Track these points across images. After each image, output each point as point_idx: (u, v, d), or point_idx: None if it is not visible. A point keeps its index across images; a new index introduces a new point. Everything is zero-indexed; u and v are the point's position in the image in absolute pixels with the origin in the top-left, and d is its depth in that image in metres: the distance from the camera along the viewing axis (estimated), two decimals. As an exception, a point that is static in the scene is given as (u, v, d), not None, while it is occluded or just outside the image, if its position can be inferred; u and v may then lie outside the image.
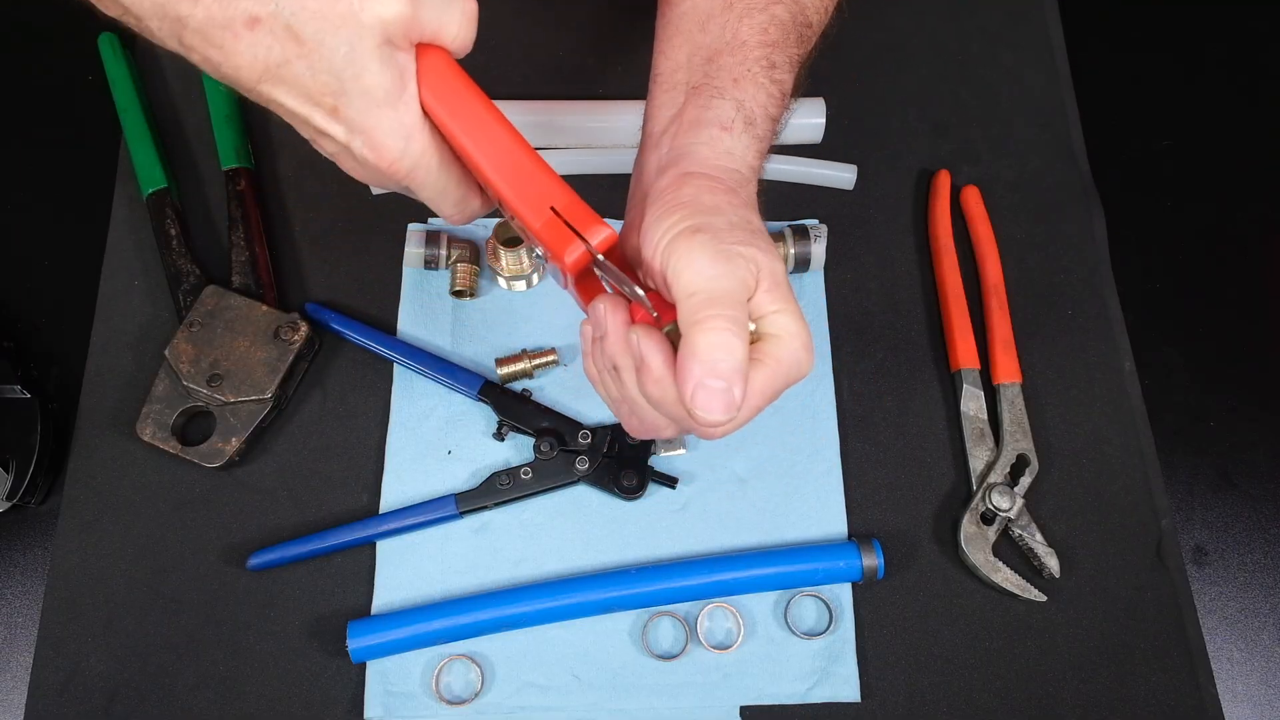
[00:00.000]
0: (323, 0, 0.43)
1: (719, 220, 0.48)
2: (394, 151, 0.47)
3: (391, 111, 0.46)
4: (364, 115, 0.46)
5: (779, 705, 0.62)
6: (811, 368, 0.49)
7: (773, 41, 0.55)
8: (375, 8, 0.44)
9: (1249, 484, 0.70)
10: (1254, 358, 0.73)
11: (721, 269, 0.46)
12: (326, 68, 0.45)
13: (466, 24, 0.47)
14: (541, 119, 0.75)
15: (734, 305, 0.46)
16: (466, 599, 0.62)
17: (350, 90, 0.45)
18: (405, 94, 0.46)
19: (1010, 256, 0.73)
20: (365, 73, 0.45)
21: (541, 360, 0.68)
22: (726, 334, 0.45)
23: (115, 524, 0.65)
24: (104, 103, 0.76)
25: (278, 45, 0.44)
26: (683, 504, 0.66)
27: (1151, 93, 0.82)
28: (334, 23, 0.43)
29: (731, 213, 0.49)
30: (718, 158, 0.52)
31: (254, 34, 0.43)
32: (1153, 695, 0.62)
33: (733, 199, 0.51)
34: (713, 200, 0.50)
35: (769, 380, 0.47)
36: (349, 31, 0.44)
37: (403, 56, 0.46)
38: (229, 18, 0.43)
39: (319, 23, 0.43)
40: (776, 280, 0.48)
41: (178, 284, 0.69)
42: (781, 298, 0.48)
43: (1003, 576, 0.64)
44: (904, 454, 0.68)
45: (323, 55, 0.44)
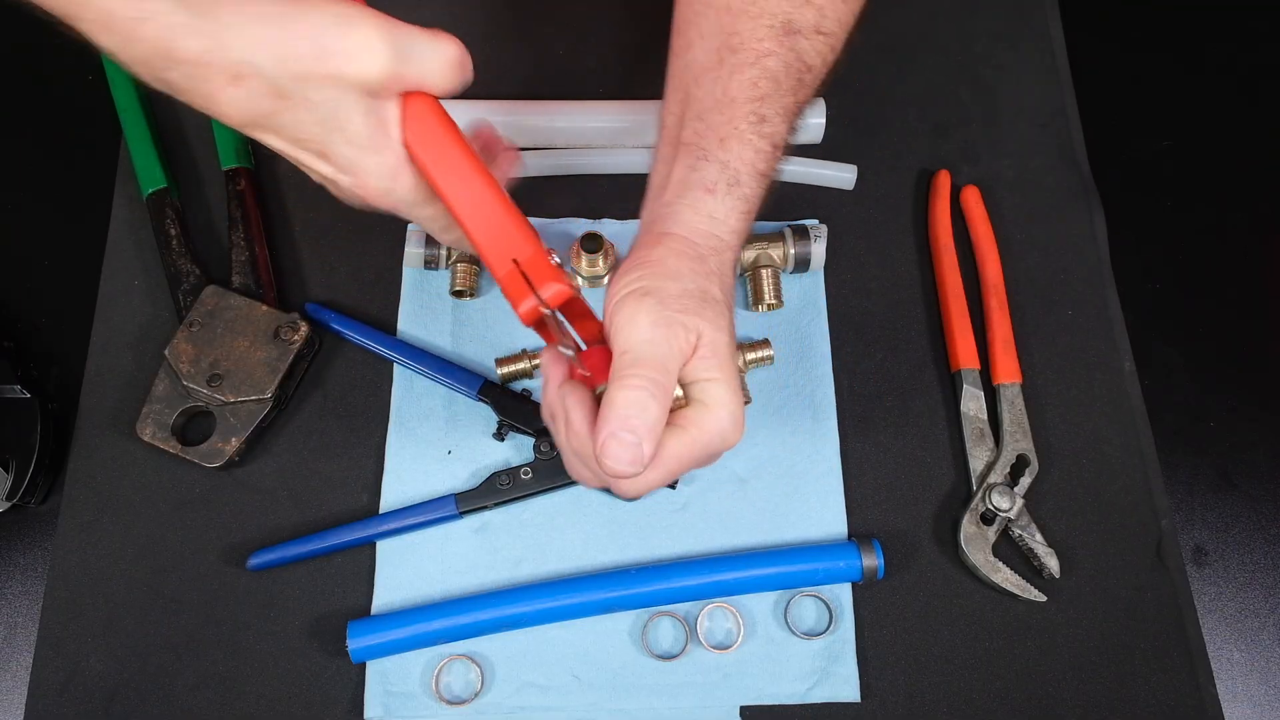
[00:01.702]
0: (305, 61, 0.44)
1: (673, 286, 0.50)
2: (378, 190, 0.49)
3: (376, 156, 0.48)
4: (350, 160, 0.48)
5: (779, 705, 0.62)
6: (738, 439, 0.51)
7: (762, 95, 0.55)
8: (357, 67, 0.45)
9: (1249, 484, 0.70)
10: (1254, 358, 0.73)
11: (659, 334, 0.49)
12: (311, 120, 0.46)
13: (449, 71, 0.48)
14: (541, 119, 0.75)
15: (658, 369, 0.48)
16: (466, 599, 0.62)
17: (335, 139, 0.47)
18: (389, 139, 0.48)
19: (1010, 256, 0.73)
20: (349, 124, 0.47)
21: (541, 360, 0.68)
22: (643, 393, 0.47)
23: (115, 524, 0.65)
24: (104, 103, 0.76)
25: (264, 100, 0.45)
26: (682, 504, 0.66)
27: (1151, 93, 0.82)
28: (317, 81, 0.45)
29: (690, 280, 0.51)
30: (699, 221, 0.53)
31: (237, 89, 0.45)
32: (1153, 695, 0.62)
33: (697, 266, 0.52)
34: (676, 265, 0.51)
35: (686, 446, 0.50)
36: (333, 89, 0.45)
37: (387, 105, 0.47)
38: (210, 75, 0.45)
39: (302, 81, 0.45)
40: (715, 350, 0.50)
41: (178, 284, 0.69)
42: (717, 367, 0.50)
43: (1003, 576, 0.64)
44: (904, 454, 0.68)
45: (308, 109, 0.46)
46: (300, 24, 0.45)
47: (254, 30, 0.44)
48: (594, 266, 0.70)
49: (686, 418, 0.50)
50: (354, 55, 0.45)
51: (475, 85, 0.78)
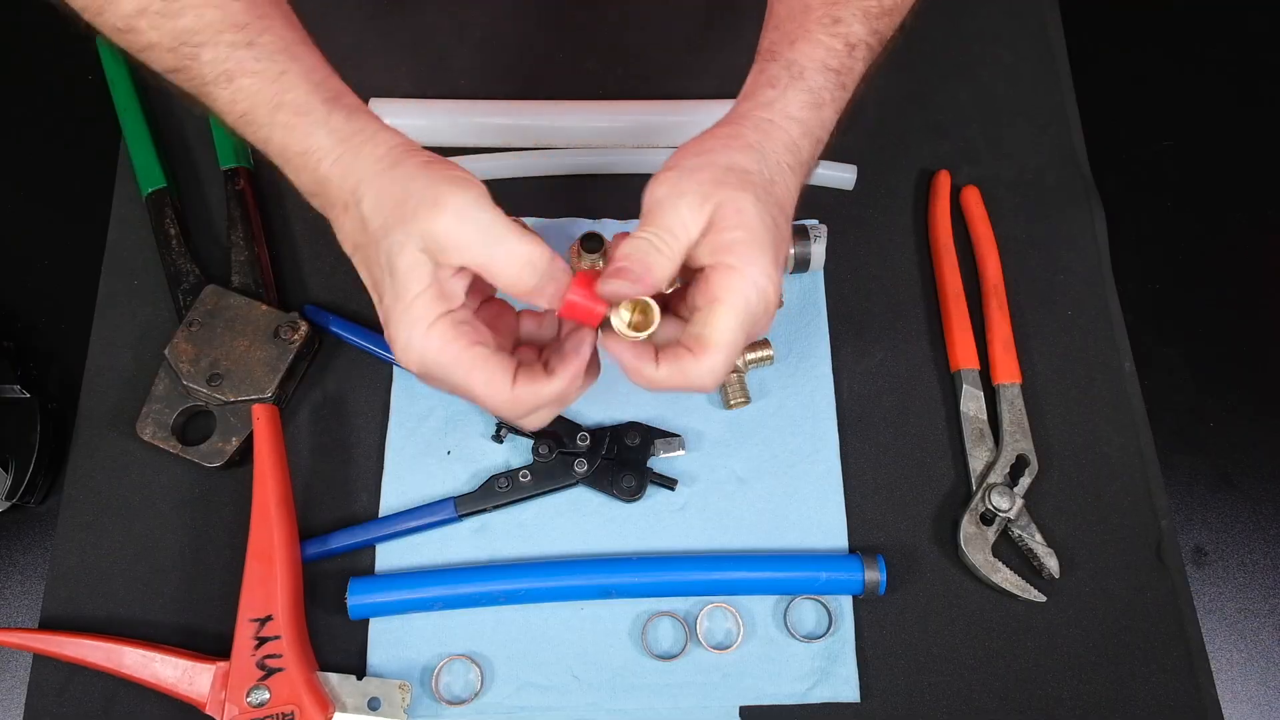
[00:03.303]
0: (389, 213, 0.50)
1: (697, 160, 0.52)
2: (397, 342, 0.51)
3: (404, 308, 0.50)
4: (386, 307, 0.51)
5: (779, 705, 0.62)
6: (776, 297, 0.52)
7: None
8: (423, 219, 0.49)
9: (1249, 484, 0.70)
10: (1254, 358, 0.73)
11: (669, 199, 0.51)
12: (376, 263, 0.51)
13: (517, 275, 0.50)
14: (541, 119, 0.75)
15: (663, 226, 0.51)
16: (467, 568, 0.64)
17: (384, 282, 0.51)
18: (422, 297, 0.50)
19: (1010, 256, 0.73)
20: (397, 267, 0.50)
21: (541, 360, 0.68)
22: (644, 241, 0.51)
23: (115, 524, 0.65)
24: (104, 103, 0.76)
25: (358, 233, 0.52)
26: (682, 504, 0.66)
27: (1151, 93, 0.82)
28: (395, 229, 0.49)
29: (720, 154, 0.52)
30: (752, 108, 0.55)
31: (345, 216, 0.52)
32: (1152, 695, 0.62)
33: (731, 142, 0.53)
34: (708, 143, 0.53)
35: (731, 312, 0.51)
36: (399, 233, 0.49)
37: (442, 272, 0.50)
38: (333, 200, 0.52)
39: (383, 231, 0.50)
40: (742, 218, 0.51)
41: (177, 284, 0.69)
42: (744, 233, 0.51)
43: (1002, 577, 0.64)
44: (904, 454, 0.68)
45: (377, 252, 0.51)
46: (410, 183, 0.50)
47: (371, 169, 0.51)
48: (594, 266, 0.70)
49: (721, 286, 0.51)
50: (435, 225, 0.49)
51: (476, 86, 0.78)
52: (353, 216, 0.51)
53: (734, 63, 0.79)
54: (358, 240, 0.52)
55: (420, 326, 0.50)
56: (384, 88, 0.77)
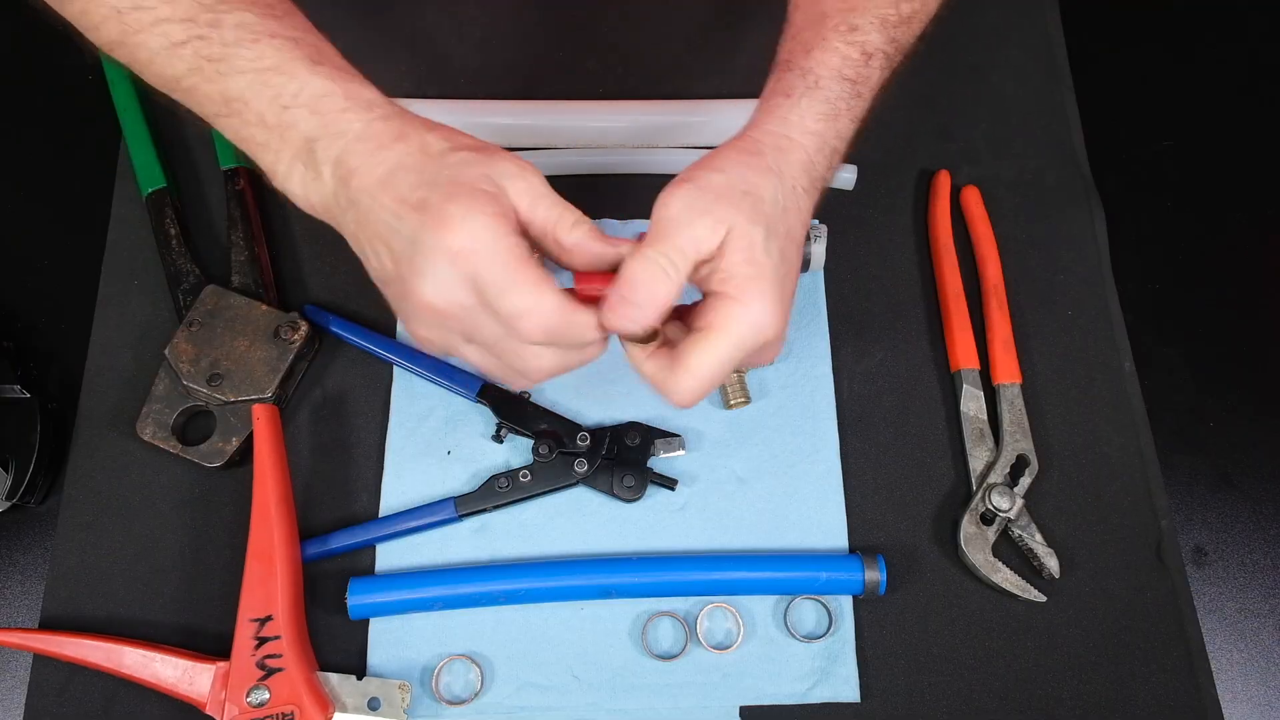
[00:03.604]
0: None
1: (714, 178, 0.51)
2: (452, 231, 0.49)
3: (470, 199, 0.49)
4: (445, 200, 0.49)
5: (779, 705, 0.62)
6: (775, 333, 0.51)
7: (854, 6, 0.56)
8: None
9: (1249, 484, 0.70)
10: (1254, 358, 0.73)
11: (681, 216, 0.50)
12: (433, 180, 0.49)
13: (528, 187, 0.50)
14: (542, 119, 0.75)
15: (672, 247, 0.50)
16: (467, 568, 0.64)
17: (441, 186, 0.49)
18: (491, 196, 0.49)
19: (1010, 256, 0.73)
20: (463, 177, 0.49)
21: (541, 360, 0.68)
22: (651, 264, 0.49)
23: (115, 524, 0.65)
24: (104, 103, 0.76)
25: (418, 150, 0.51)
26: (682, 504, 0.66)
27: (1151, 93, 0.82)
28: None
29: (735, 173, 0.52)
30: (769, 123, 0.55)
31: (403, 144, 0.51)
32: (1152, 695, 0.62)
33: (749, 160, 0.53)
34: (724, 160, 0.53)
35: (720, 344, 0.51)
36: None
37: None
38: (377, 135, 0.51)
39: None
40: (750, 246, 0.50)
41: (177, 283, 0.69)
42: (748, 262, 0.50)
43: (1002, 577, 0.64)
44: (904, 454, 0.68)
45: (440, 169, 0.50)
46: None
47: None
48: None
49: (718, 315, 0.51)
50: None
51: (476, 86, 0.78)
52: (420, 150, 0.50)
53: (734, 63, 0.80)
54: (410, 164, 0.49)
55: (488, 208, 0.47)
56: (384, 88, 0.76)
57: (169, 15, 0.51)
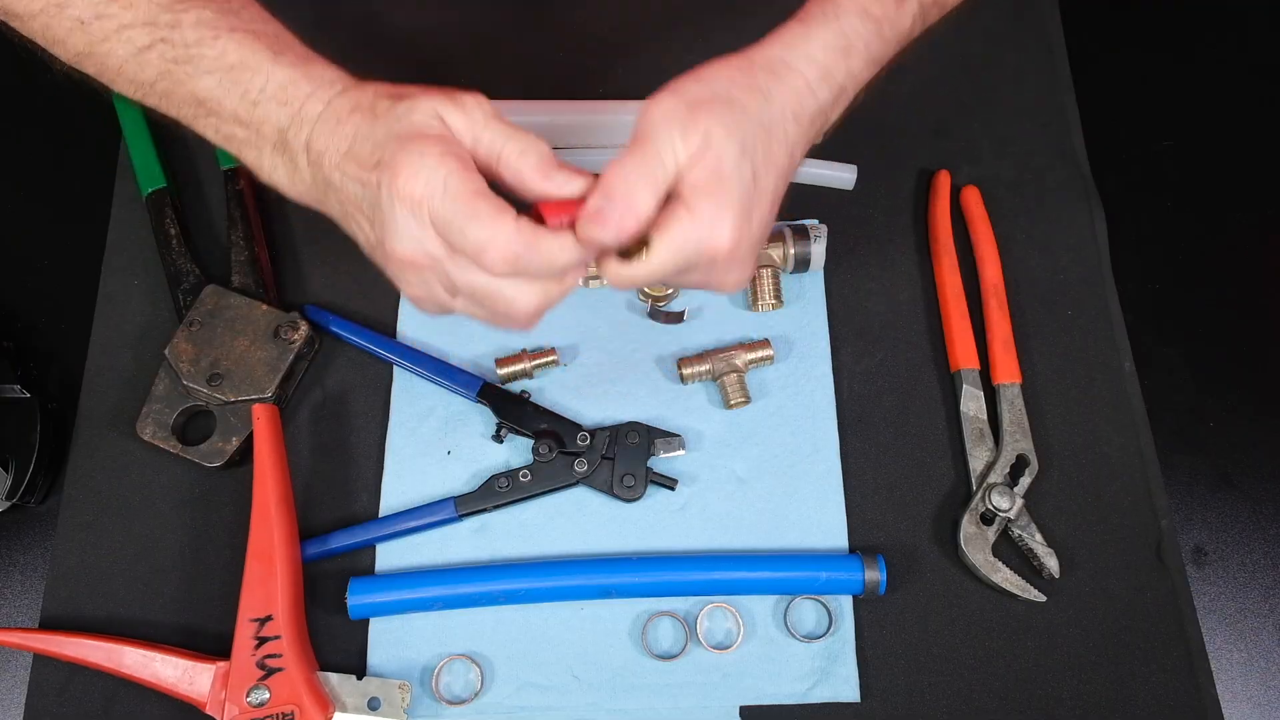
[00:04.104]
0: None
1: (698, 88, 0.51)
2: (404, 177, 0.49)
3: (421, 145, 0.49)
4: (397, 151, 0.49)
5: (779, 705, 0.62)
6: (725, 254, 0.50)
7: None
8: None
9: (1249, 484, 0.70)
10: (1254, 358, 0.73)
11: (660, 123, 0.50)
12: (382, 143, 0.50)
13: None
14: (541, 119, 0.75)
15: (650, 153, 0.49)
16: (467, 568, 0.64)
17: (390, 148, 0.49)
18: (439, 138, 0.49)
19: (1010, 256, 0.73)
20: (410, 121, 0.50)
21: (541, 360, 0.68)
22: (628, 168, 0.49)
23: (115, 524, 0.65)
24: (104, 103, 0.76)
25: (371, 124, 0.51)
26: (682, 504, 0.66)
27: (1151, 93, 0.82)
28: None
29: (721, 85, 0.51)
30: (772, 45, 0.53)
31: (364, 116, 0.51)
32: (1152, 695, 0.62)
33: (737, 76, 0.52)
34: (715, 72, 0.52)
35: (665, 248, 0.49)
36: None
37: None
38: (344, 112, 0.51)
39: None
40: (719, 160, 0.49)
41: (177, 283, 0.69)
42: (713, 176, 0.49)
43: (1002, 577, 0.64)
44: (904, 454, 0.68)
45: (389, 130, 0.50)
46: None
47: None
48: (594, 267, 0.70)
49: (668, 219, 0.49)
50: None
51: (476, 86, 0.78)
52: (370, 114, 0.50)
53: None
54: (364, 132, 0.50)
55: (434, 149, 0.48)
56: (384, 88, 0.77)
57: (130, 21, 0.51)
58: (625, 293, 0.72)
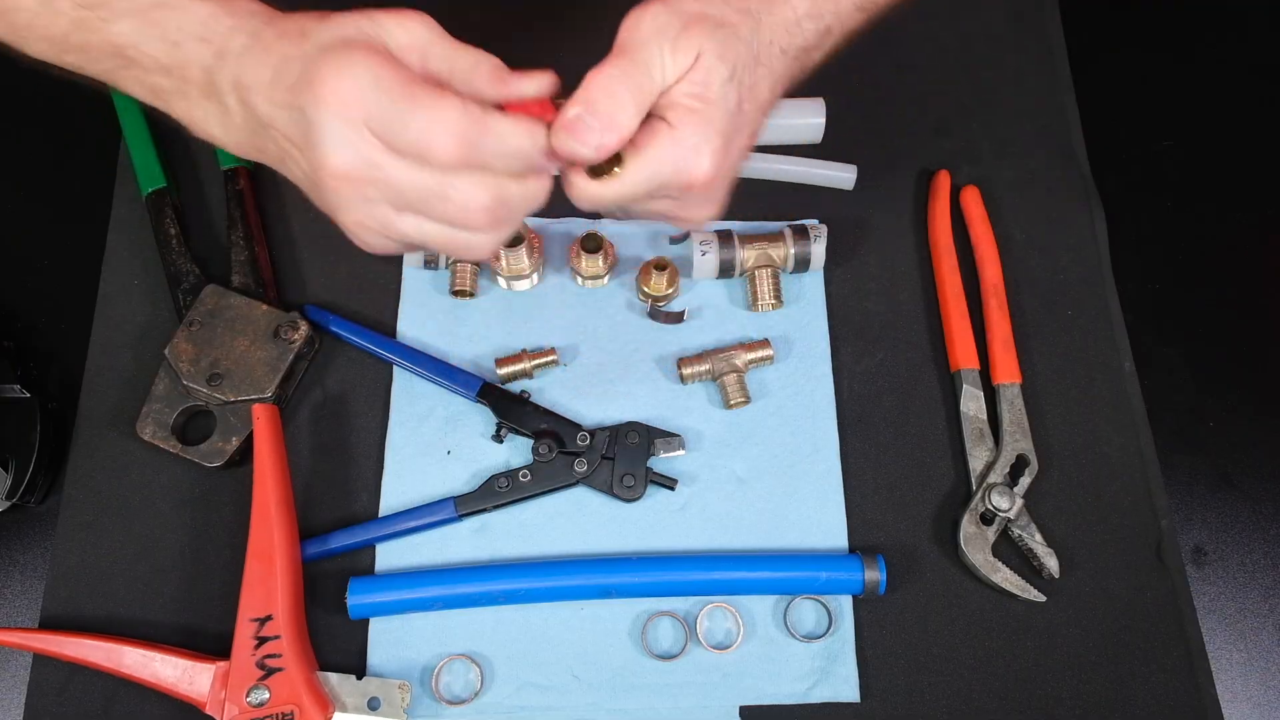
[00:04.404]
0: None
1: (690, 5, 0.48)
2: (328, 89, 0.45)
3: (344, 49, 0.45)
4: (319, 58, 0.45)
5: (779, 705, 0.62)
6: (703, 177, 0.48)
7: None
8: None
9: (1249, 484, 0.70)
10: (1254, 358, 0.73)
11: (651, 37, 0.47)
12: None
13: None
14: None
15: (638, 66, 0.47)
16: (467, 568, 0.64)
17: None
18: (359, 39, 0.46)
19: (1010, 256, 0.73)
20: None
21: (541, 360, 0.68)
22: (613, 80, 0.46)
23: (115, 524, 0.65)
24: (104, 102, 0.76)
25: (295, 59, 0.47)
26: (682, 504, 0.66)
27: (1151, 93, 0.82)
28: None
29: (712, 4, 0.49)
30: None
31: (290, 58, 0.47)
32: (1152, 695, 0.62)
33: (730, 1, 0.49)
34: (755, 2, 0.50)
35: (640, 164, 0.48)
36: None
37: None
38: (267, 52, 0.47)
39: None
40: (707, 78, 0.47)
41: (177, 283, 0.69)
42: (698, 95, 0.47)
43: (1002, 577, 0.64)
44: (903, 454, 0.68)
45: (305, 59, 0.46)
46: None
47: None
48: (594, 266, 0.70)
49: (643, 136, 0.47)
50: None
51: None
52: (300, 35, 0.46)
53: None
54: (291, 56, 0.46)
55: (358, 49, 0.44)
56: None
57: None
58: (625, 292, 0.72)
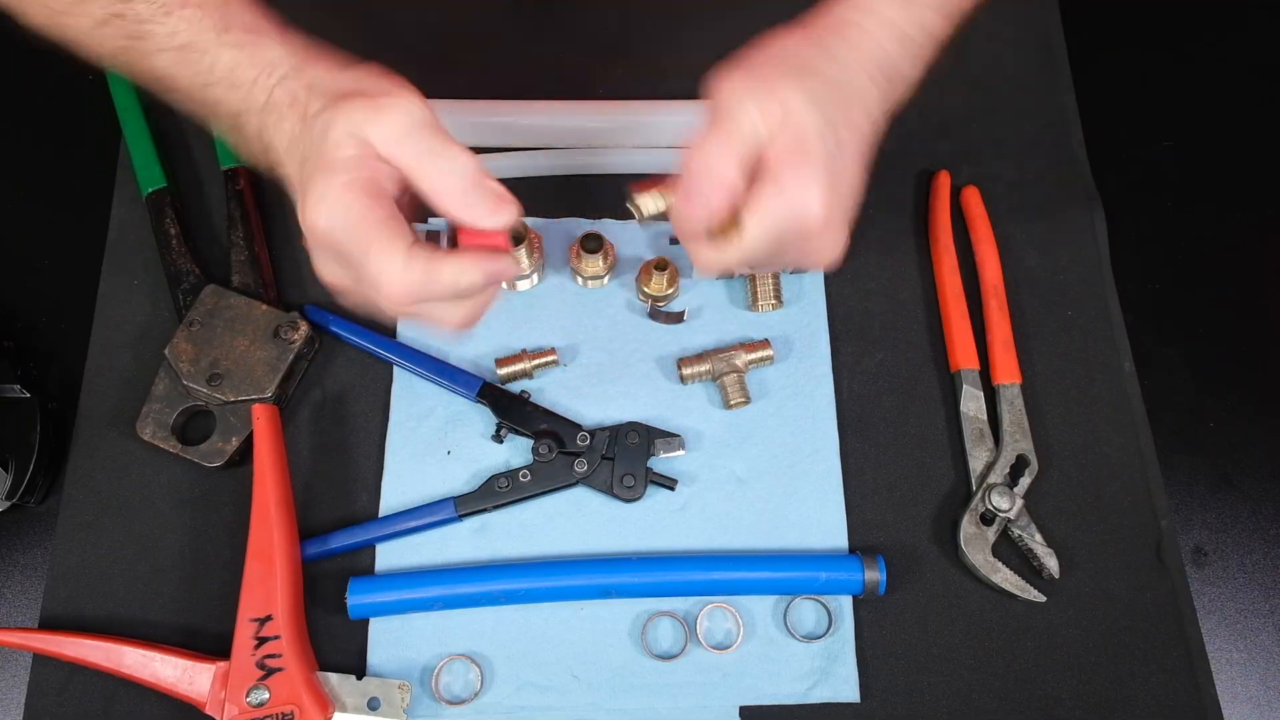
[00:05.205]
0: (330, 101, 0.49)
1: (769, 56, 0.50)
2: (310, 202, 0.49)
3: (329, 169, 0.49)
4: (311, 172, 0.49)
5: (779, 705, 0.62)
6: (820, 222, 0.49)
7: None
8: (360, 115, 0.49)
9: (1249, 484, 0.70)
10: (1254, 358, 0.73)
11: (735, 96, 0.49)
12: (310, 144, 0.50)
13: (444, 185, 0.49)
14: (541, 119, 0.75)
15: (729, 129, 0.49)
16: (467, 568, 0.64)
17: (311, 154, 0.50)
18: (349, 160, 0.49)
19: (1010, 256, 0.73)
20: (329, 134, 0.49)
21: (541, 360, 0.68)
22: (709, 149, 0.49)
23: (115, 524, 0.65)
24: (104, 102, 0.76)
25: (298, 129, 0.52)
26: (682, 504, 0.66)
27: (1151, 93, 0.82)
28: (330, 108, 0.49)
29: (793, 52, 0.50)
30: (840, 8, 0.53)
31: (302, 125, 0.51)
32: (1152, 695, 0.62)
33: (806, 41, 0.51)
34: (785, 41, 0.51)
35: (758, 225, 0.49)
36: (338, 116, 0.49)
37: (371, 151, 0.49)
38: (282, 115, 0.51)
39: (319, 104, 0.50)
40: (801, 129, 0.48)
41: (177, 283, 0.69)
42: (796, 146, 0.48)
43: (1002, 577, 0.64)
44: (903, 454, 0.68)
45: (311, 132, 0.50)
46: (360, 81, 0.51)
47: (324, 75, 0.52)
48: (594, 266, 0.70)
49: (756, 197, 0.49)
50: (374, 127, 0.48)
51: (476, 86, 0.78)
52: (301, 116, 0.49)
53: (734, 63, 0.80)
54: (296, 135, 0.49)
55: (339, 179, 0.47)
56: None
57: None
58: (625, 292, 0.72)
